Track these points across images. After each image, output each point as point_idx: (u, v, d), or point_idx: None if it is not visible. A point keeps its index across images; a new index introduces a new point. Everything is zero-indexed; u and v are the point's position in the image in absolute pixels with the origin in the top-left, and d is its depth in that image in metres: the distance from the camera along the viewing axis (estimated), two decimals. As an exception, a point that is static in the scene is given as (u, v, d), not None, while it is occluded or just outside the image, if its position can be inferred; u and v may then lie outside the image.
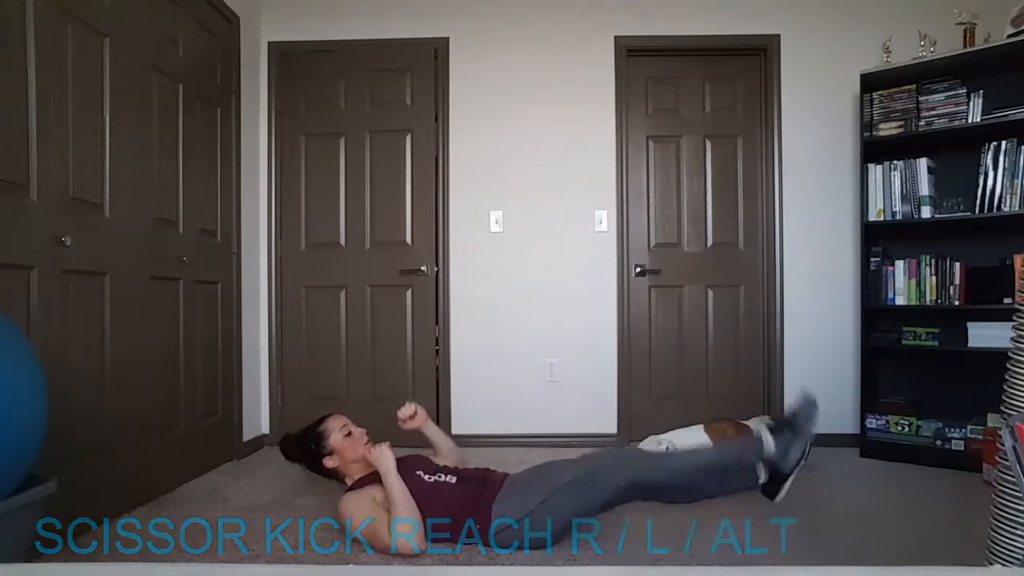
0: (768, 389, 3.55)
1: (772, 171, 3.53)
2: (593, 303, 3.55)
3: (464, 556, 1.97)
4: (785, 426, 1.98)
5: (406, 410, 2.33)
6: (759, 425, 2.08)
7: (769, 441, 1.96)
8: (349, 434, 2.19)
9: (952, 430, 2.99)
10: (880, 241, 3.31)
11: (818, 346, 3.50)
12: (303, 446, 2.22)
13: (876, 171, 3.20)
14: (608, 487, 1.98)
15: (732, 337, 3.59)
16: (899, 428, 3.12)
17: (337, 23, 3.60)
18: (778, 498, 2.07)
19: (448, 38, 3.58)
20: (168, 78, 2.72)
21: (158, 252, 2.63)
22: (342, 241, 3.62)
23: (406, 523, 1.91)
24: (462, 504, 2.02)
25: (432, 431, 2.40)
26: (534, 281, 3.55)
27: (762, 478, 2.12)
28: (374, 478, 2.07)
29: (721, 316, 3.60)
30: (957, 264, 3.04)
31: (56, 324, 2.03)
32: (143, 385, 2.50)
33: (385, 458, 2.03)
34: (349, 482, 2.17)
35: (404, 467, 2.06)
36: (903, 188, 3.15)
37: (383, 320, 3.59)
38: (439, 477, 2.10)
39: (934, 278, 3.09)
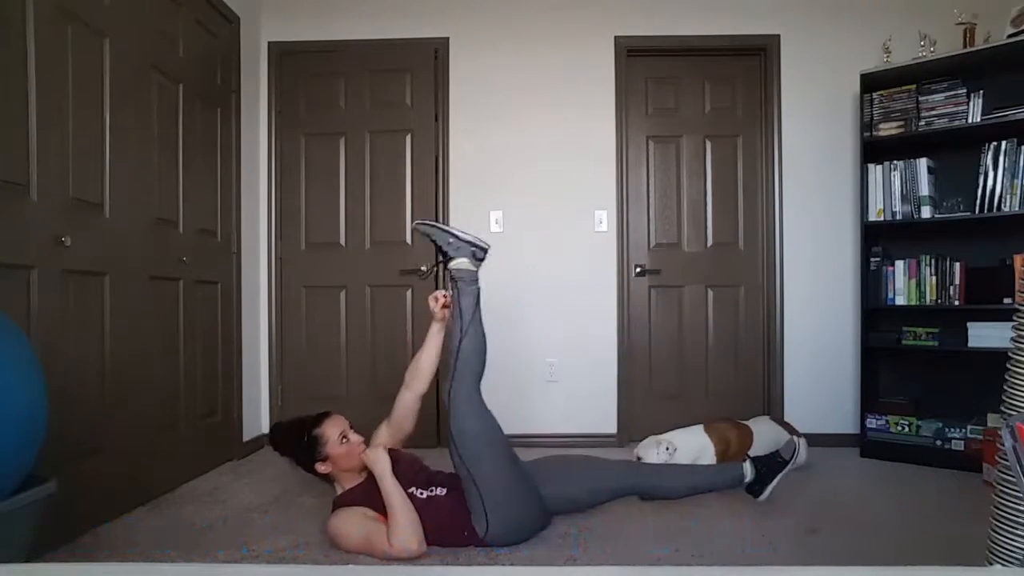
0: (768, 389, 3.55)
1: (772, 171, 3.53)
2: (593, 303, 3.55)
3: (464, 556, 1.97)
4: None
5: (446, 296, 2.26)
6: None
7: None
8: (346, 441, 2.09)
9: (952, 430, 2.99)
10: (880, 241, 3.31)
11: (818, 346, 3.50)
12: (296, 441, 2.11)
13: (876, 171, 3.20)
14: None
15: (732, 337, 3.59)
16: (899, 428, 3.12)
17: (337, 23, 3.60)
18: (762, 497, 2.25)
19: (448, 38, 3.58)
20: (168, 78, 2.72)
21: (158, 252, 2.63)
22: (342, 241, 3.62)
23: (404, 526, 1.90)
24: (452, 514, 2.01)
25: (438, 337, 2.31)
26: (534, 281, 3.55)
27: (748, 478, 2.24)
28: (366, 488, 2.04)
29: (721, 316, 3.60)
30: (957, 264, 3.04)
31: (56, 324, 2.03)
32: (143, 385, 2.50)
33: (380, 462, 2.02)
34: (339, 488, 2.12)
35: (397, 477, 2.02)
36: (903, 188, 3.14)
37: (383, 320, 3.59)
38: (432, 492, 2.07)
39: (934, 278, 3.09)
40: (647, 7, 3.55)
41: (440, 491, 2.08)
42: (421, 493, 2.05)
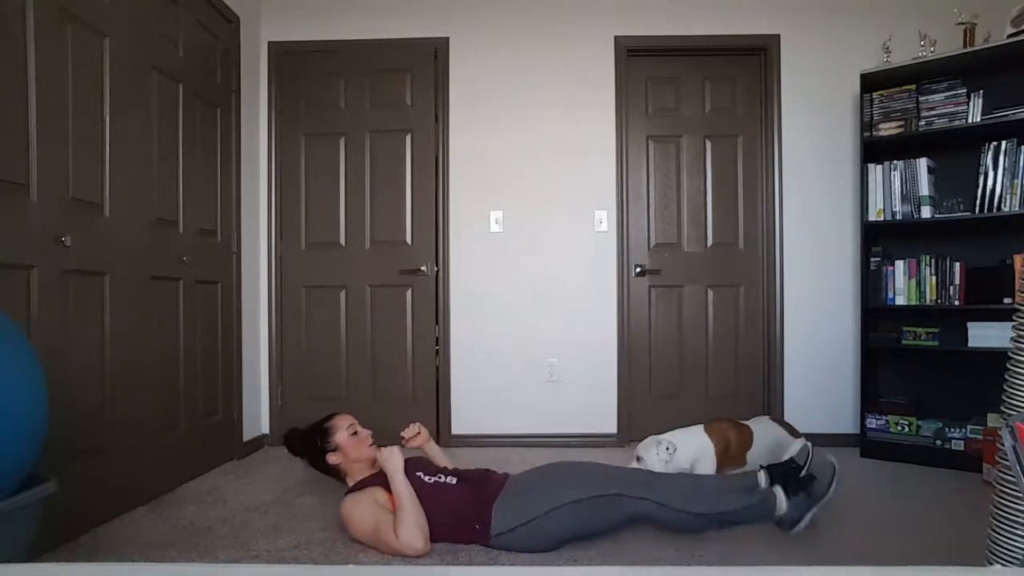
0: (768, 389, 3.55)
1: (772, 171, 3.53)
2: (593, 303, 3.55)
3: (464, 556, 1.97)
4: (801, 490, 1.96)
5: (410, 430, 2.36)
6: (776, 489, 1.97)
7: (782, 503, 1.94)
8: (355, 433, 2.21)
9: (952, 430, 2.99)
10: (880, 241, 3.31)
11: (818, 346, 3.50)
12: (307, 441, 2.23)
13: (876, 171, 3.20)
14: (618, 517, 1.97)
15: (732, 337, 3.59)
16: (899, 428, 3.12)
17: (337, 23, 3.60)
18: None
19: (448, 38, 3.58)
20: (168, 78, 2.72)
21: (158, 252, 2.63)
22: (342, 241, 3.62)
23: (411, 525, 1.91)
24: (462, 505, 2.02)
25: (433, 451, 2.41)
26: (534, 281, 3.55)
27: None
28: (376, 479, 2.07)
29: (721, 316, 3.60)
30: (957, 264, 3.04)
31: (56, 324, 2.03)
32: (143, 385, 2.50)
33: (394, 459, 2.03)
34: (350, 482, 2.17)
35: (406, 468, 2.05)
36: (903, 188, 3.14)
37: (383, 320, 3.59)
38: (439, 478, 2.10)
39: (934, 278, 3.09)
40: (647, 7, 3.55)
41: (450, 479, 2.10)
42: (428, 479, 2.08)
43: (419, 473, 2.08)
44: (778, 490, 1.96)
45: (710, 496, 2.00)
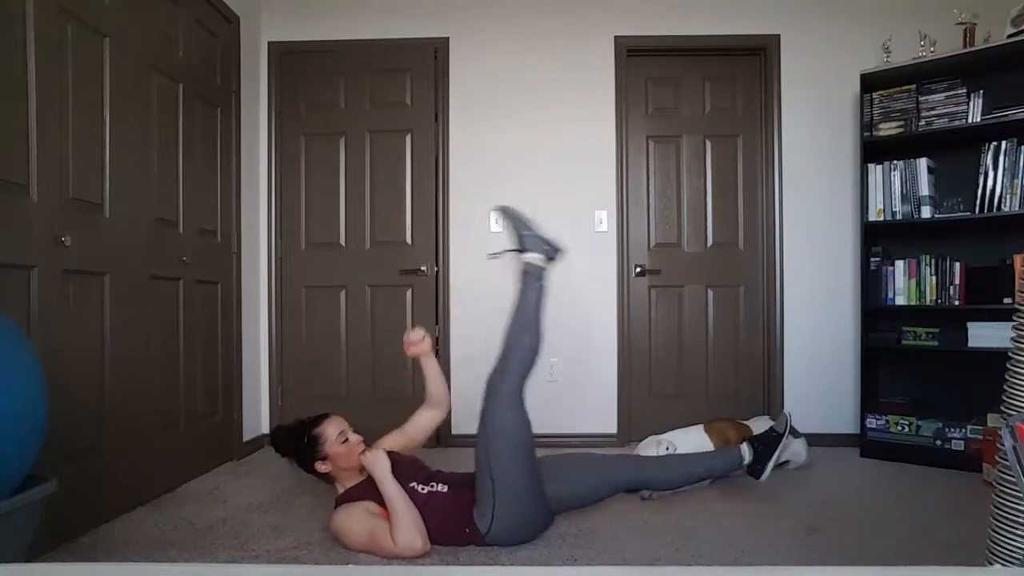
0: (768, 389, 3.55)
1: (772, 171, 3.53)
2: (593, 303, 3.55)
3: (464, 556, 1.97)
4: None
5: (415, 334, 2.29)
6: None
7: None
8: (346, 440, 2.10)
9: (952, 430, 2.99)
10: (880, 241, 3.31)
11: (818, 346, 3.50)
12: (296, 443, 2.12)
13: (876, 171, 3.20)
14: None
15: (732, 337, 3.59)
16: (899, 428, 3.12)
17: (337, 23, 3.60)
18: (762, 477, 2.26)
19: (448, 38, 3.58)
20: (168, 78, 2.72)
21: (158, 252, 2.63)
22: (342, 241, 3.62)
23: (407, 526, 1.90)
24: (455, 514, 2.01)
25: (431, 366, 2.34)
26: (534, 281, 3.54)
27: (747, 459, 2.27)
28: (367, 486, 2.04)
29: (721, 316, 3.60)
30: (957, 264, 3.04)
31: (56, 324, 2.03)
32: (143, 385, 2.50)
33: (380, 464, 2.01)
34: (340, 488, 2.12)
35: (398, 476, 2.02)
36: (903, 188, 3.15)
37: (383, 320, 3.59)
38: (432, 487, 2.07)
39: (934, 278, 3.09)
40: (647, 7, 3.55)
41: (442, 487, 2.08)
42: (422, 489, 2.06)
43: (413, 484, 2.05)
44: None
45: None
